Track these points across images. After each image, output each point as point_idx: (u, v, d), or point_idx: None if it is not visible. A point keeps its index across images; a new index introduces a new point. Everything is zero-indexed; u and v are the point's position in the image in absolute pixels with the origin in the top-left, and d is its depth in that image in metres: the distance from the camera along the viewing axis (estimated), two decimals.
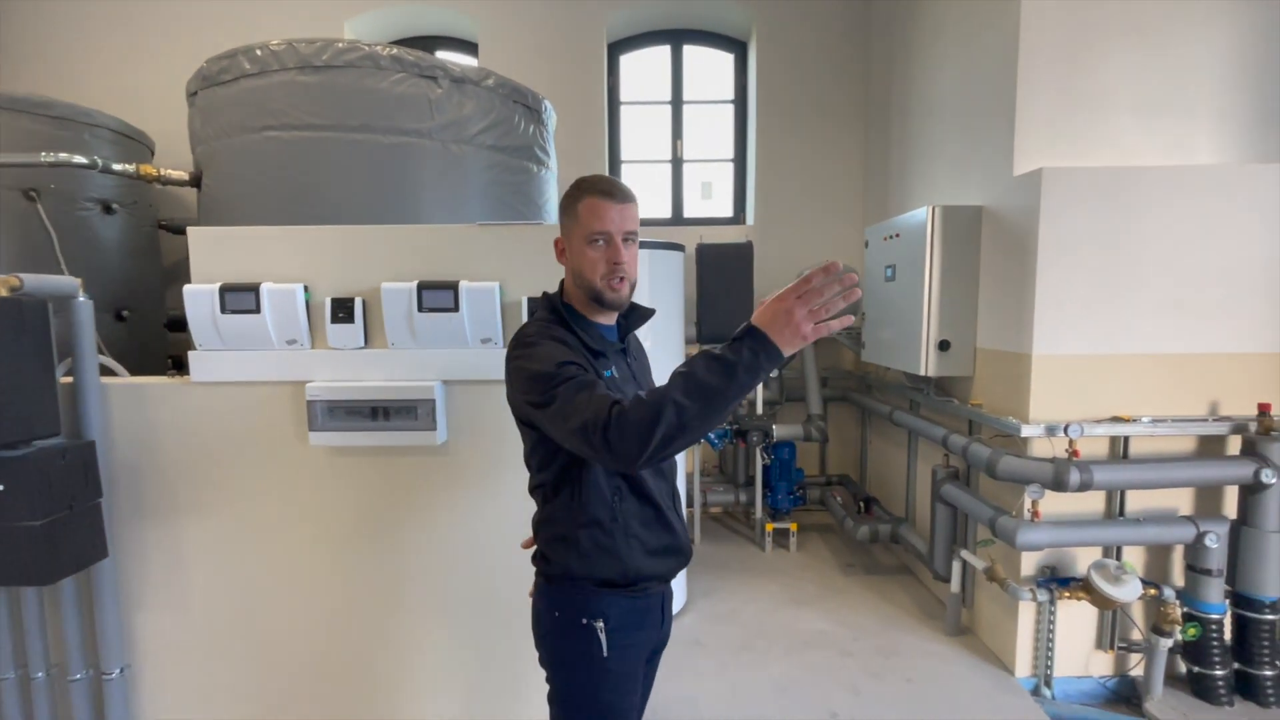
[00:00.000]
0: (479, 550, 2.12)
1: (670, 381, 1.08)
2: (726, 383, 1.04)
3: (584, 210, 1.30)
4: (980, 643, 2.97)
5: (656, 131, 4.87)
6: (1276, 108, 2.70)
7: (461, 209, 2.76)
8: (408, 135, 2.64)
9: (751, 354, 1.04)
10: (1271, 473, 2.40)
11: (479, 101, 2.83)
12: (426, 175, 2.71)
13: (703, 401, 1.04)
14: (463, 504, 2.10)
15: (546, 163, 3.28)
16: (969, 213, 2.96)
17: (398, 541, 2.11)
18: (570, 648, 1.32)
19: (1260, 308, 2.56)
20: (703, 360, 1.07)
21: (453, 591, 2.14)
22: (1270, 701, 2.50)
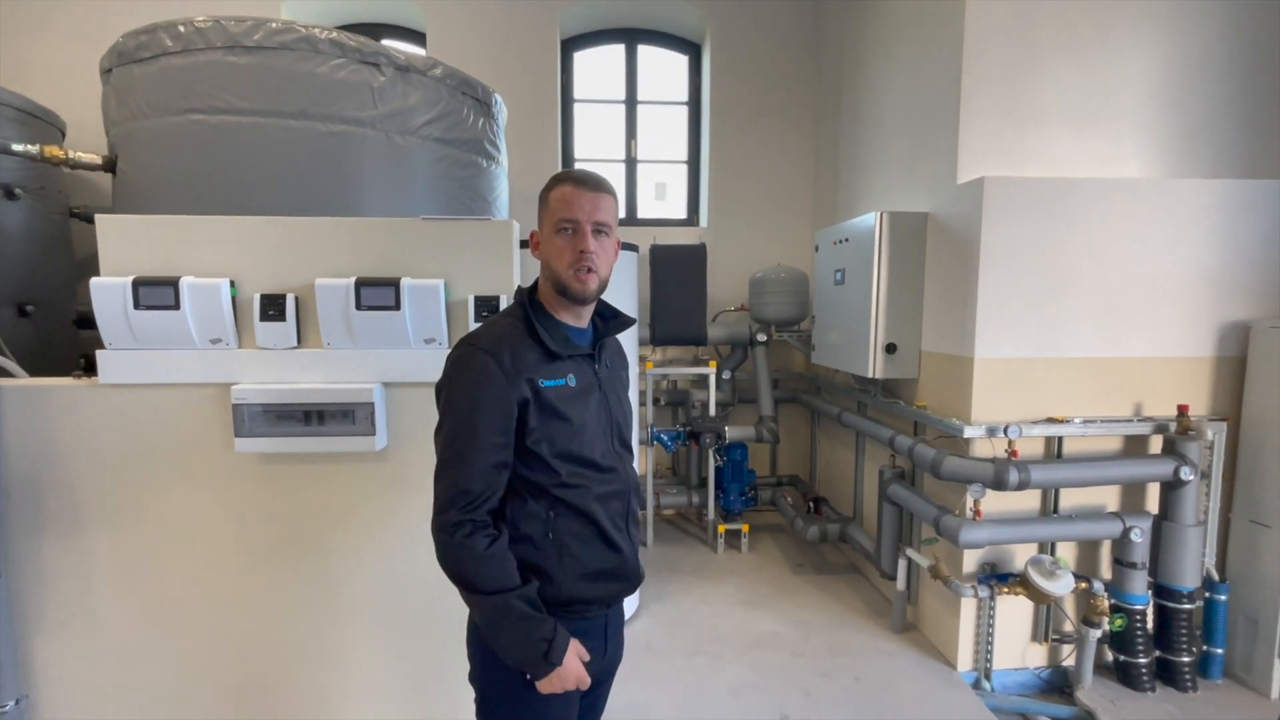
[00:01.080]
0: (421, 561, 2.02)
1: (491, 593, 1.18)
2: (497, 635, 1.21)
3: (554, 198, 1.27)
4: (925, 638, 3.04)
5: (610, 131, 4.83)
6: (1197, 126, 2.87)
7: (407, 203, 2.64)
8: (348, 124, 2.51)
9: (546, 646, 1.19)
10: (1189, 470, 2.54)
11: (425, 92, 2.71)
12: (369, 167, 2.58)
13: (486, 626, 1.22)
14: (403, 513, 2.00)
15: (497, 158, 3.19)
16: (915, 219, 3.03)
17: (333, 554, 1.99)
18: (496, 665, 1.26)
19: (1181, 315, 2.71)
20: (513, 619, 1.19)
21: (393, 605, 2.03)
22: (1187, 686, 2.65)
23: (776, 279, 4.10)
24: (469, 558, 1.17)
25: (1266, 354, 2.62)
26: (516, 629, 1.18)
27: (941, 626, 2.93)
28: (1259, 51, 2.85)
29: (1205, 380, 2.75)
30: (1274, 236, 2.70)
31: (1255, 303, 2.72)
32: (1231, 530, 2.77)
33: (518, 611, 1.17)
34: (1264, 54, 2.86)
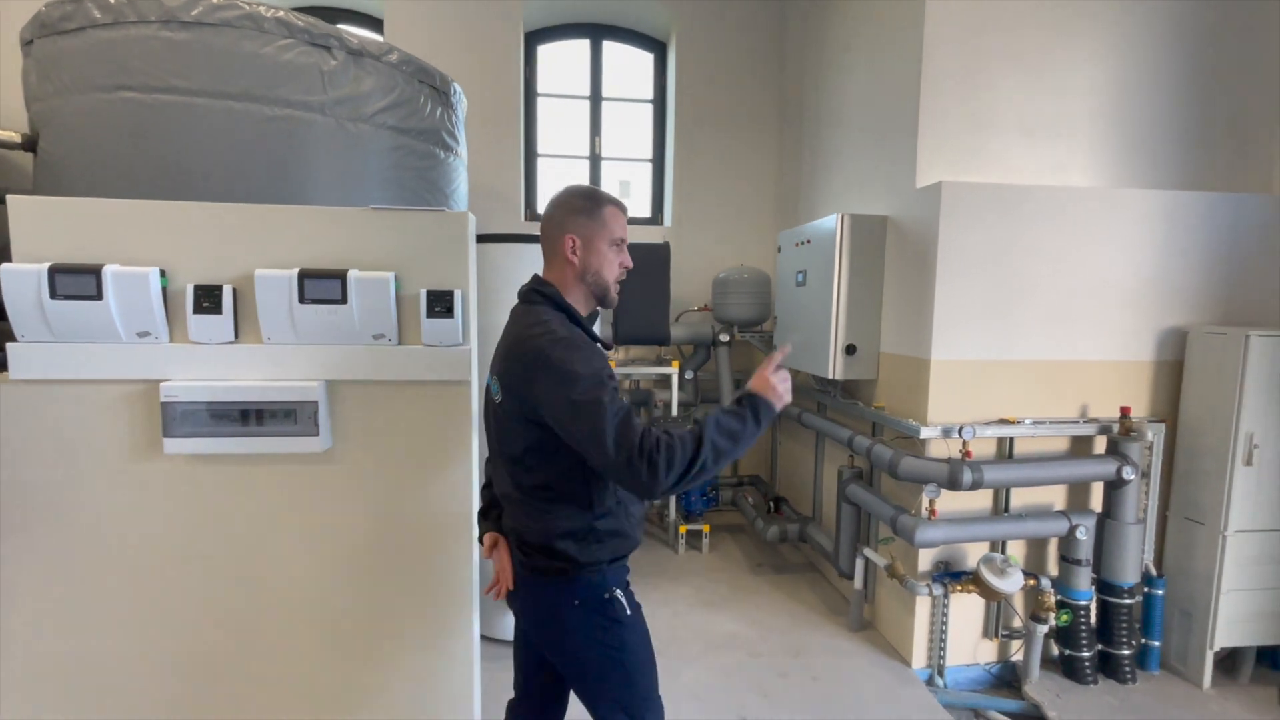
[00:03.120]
0: (371, 570, 1.93)
1: (700, 432, 1.24)
2: (742, 433, 1.28)
3: (609, 215, 1.44)
4: (881, 637, 3.08)
5: (575, 127, 4.76)
6: (1138, 139, 2.99)
7: (359, 193, 2.53)
8: (295, 108, 2.38)
9: (752, 409, 1.31)
10: (1131, 470, 2.64)
11: (380, 78, 2.61)
12: (318, 154, 2.46)
13: (729, 443, 1.26)
14: (350, 517, 1.90)
15: (456, 149, 3.10)
16: (875, 222, 3.07)
17: (272, 562, 1.88)
18: (600, 625, 1.38)
19: (1124, 320, 2.81)
20: (722, 414, 1.30)
21: (337, 616, 1.93)
22: (1127, 678, 2.75)
23: (739, 280, 4.11)
24: (677, 449, 1.21)
25: (1202, 358, 2.73)
26: (736, 427, 1.28)
27: (897, 625, 2.97)
28: (1195, 71, 2.98)
29: (1145, 383, 2.86)
30: (1209, 246, 2.82)
31: (1192, 309, 2.84)
32: (1168, 527, 2.88)
33: (724, 425, 1.27)
34: (1199, 74, 2.99)
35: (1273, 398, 2.59)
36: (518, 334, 1.36)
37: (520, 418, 1.33)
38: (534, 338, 1.30)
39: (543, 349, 1.27)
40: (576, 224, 1.42)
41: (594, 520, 1.36)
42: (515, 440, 1.36)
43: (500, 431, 1.42)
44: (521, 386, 1.30)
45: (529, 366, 1.28)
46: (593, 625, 1.38)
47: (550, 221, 1.46)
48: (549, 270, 1.48)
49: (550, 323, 1.33)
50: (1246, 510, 2.64)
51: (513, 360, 1.33)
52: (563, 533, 1.35)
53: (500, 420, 1.40)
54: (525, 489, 1.38)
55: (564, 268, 1.43)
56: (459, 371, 1.88)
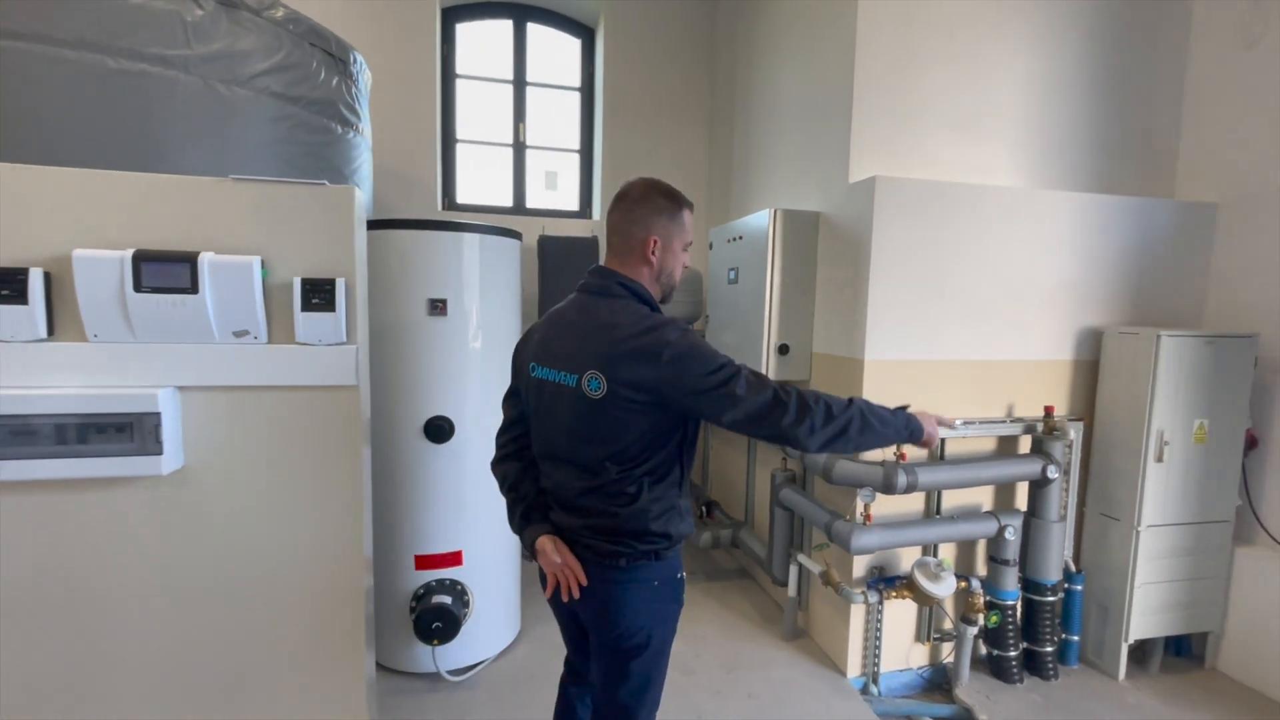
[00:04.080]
0: (234, 612, 1.62)
1: (850, 399, 1.38)
2: (889, 423, 1.43)
3: (687, 219, 1.48)
4: (815, 645, 3.00)
5: (497, 112, 4.46)
6: (1058, 141, 3.04)
7: (236, 168, 2.17)
8: (148, 62, 2.01)
9: (905, 419, 1.46)
10: (1054, 468, 2.66)
11: (261, 36, 2.27)
12: (180, 119, 2.10)
13: (878, 424, 1.40)
14: (207, 552, 1.58)
15: (356, 125, 2.77)
16: (808, 218, 2.98)
17: (102, 610, 1.53)
18: (667, 609, 1.47)
19: (1045, 320, 2.84)
20: (873, 403, 1.41)
21: (197, 669, 1.60)
22: (1050, 674, 2.78)
23: None
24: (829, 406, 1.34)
25: (1116, 358, 2.80)
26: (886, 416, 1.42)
27: (831, 632, 2.88)
28: (1108, 78, 3.07)
29: (1065, 382, 2.90)
30: (1121, 249, 2.90)
31: (1107, 310, 2.91)
32: (1085, 524, 2.94)
33: (876, 409, 1.41)
34: (1112, 81, 3.07)
35: (1181, 396, 2.67)
36: (629, 327, 1.35)
37: (639, 408, 1.34)
38: (658, 329, 1.33)
39: (669, 338, 1.32)
40: (659, 225, 1.44)
41: (678, 498, 1.45)
42: (624, 430, 1.36)
43: (595, 426, 1.37)
44: (646, 375, 1.31)
45: (656, 356, 1.30)
46: (663, 606, 1.46)
47: (630, 217, 1.44)
48: (622, 264, 1.46)
49: (660, 316, 1.39)
50: (1157, 505, 2.71)
51: (632, 354, 1.32)
52: (659, 512, 1.41)
53: (598, 415, 1.36)
54: (630, 477, 1.38)
55: (640, 265, 1.45)
56: (343, 375, 1.60)
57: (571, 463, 1.42)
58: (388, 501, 2.57)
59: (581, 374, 1.35)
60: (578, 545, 1.44)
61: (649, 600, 1.43)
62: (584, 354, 1.36)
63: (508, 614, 2.91)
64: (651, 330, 1.33)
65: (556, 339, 1.44)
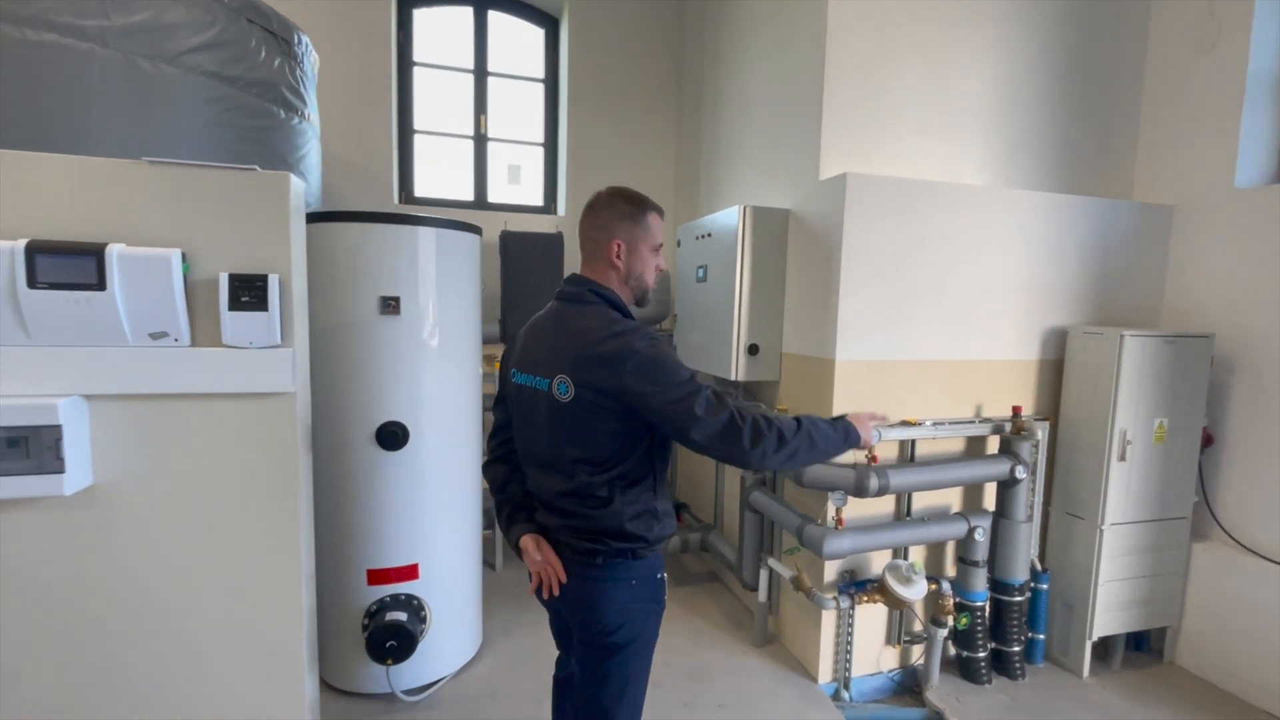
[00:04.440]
0: (155, 647, 1.45)
1: (799, 421, 1.40)
2: (832, 439, 1.45)
3: (653, 222, 1.50)
4: (786, 651, 2.94)
5: (458, 103, 4.29)
6: (1022, 140, 3.05)
7: (163, 153, 1.99)
8: (60, 32, 1.82)
9: (844, 430, 1.49)
10: (1023, 468, 2.65)
11: (191, 9, 2.09)
12: (96, 97, 1.91)
13: (823, 443, 1.42)
14: (121, 580, 1.42)
15: (303, 111, 2.59)
16: (778, 215, 2.91)
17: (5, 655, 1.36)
18: (647, 608, 1.49)
19: (1013, 319, 2.84)
20: (817, 420, 1.45)
21: (99, 711, 1.44)
22: (1017, 674, 2.78)
23: None
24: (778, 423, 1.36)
25: (1081, 357, 2.81)
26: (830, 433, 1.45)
27: (802, 638, 2.83)
28: (1069, 78, 3.09)
29: (1031, 382, 2.91)
30: (1084, 248, 2.92)
31: (1071, 310, 2.93)
32: (1050, 523, 2.96)
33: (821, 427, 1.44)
34: (1073, 81, 3.10)
35: (1142, 396, 2.70)
36: (596, 332, 1.38)
37: (604, 413, 1.37)
38: (624, 335, 1.36)
39: (635, 346, 1.34)
40: (623, 229, 1.48)
41: (654, 501, 1.47)
42: (592, 434, 1.39)
43: (567, 430, 1.41)
44: (615, 384, 1.33)
45: (625, 363, 1.33)
46: (642, 606, 1.48)
47: (595, 224, 1.50)
48: (593, 271, 1.51)
49: (629, 322, 1.42)
50: (1120, 504, 2.74)
51: (597, 359, 1.35)
52: (633, 515, 1.43)
53: (568, 419, 1.40)
54: (600, 480, 1.41)
55: (608, 271, 1.49)
56: (277, 380, 1.46)
57: (549, 465, 1.47)
58: (337, 514, 2.40)
59: (553, 378, 1.40)
60: (559, 544, 1.49)
61: (627, 599, 1.46)
62: (555, 359, 1.41)
63: (468, 628, 2.77)
64: (618, 336, 1.36)
65: (535, 345, 1.49)
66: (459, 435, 2.60)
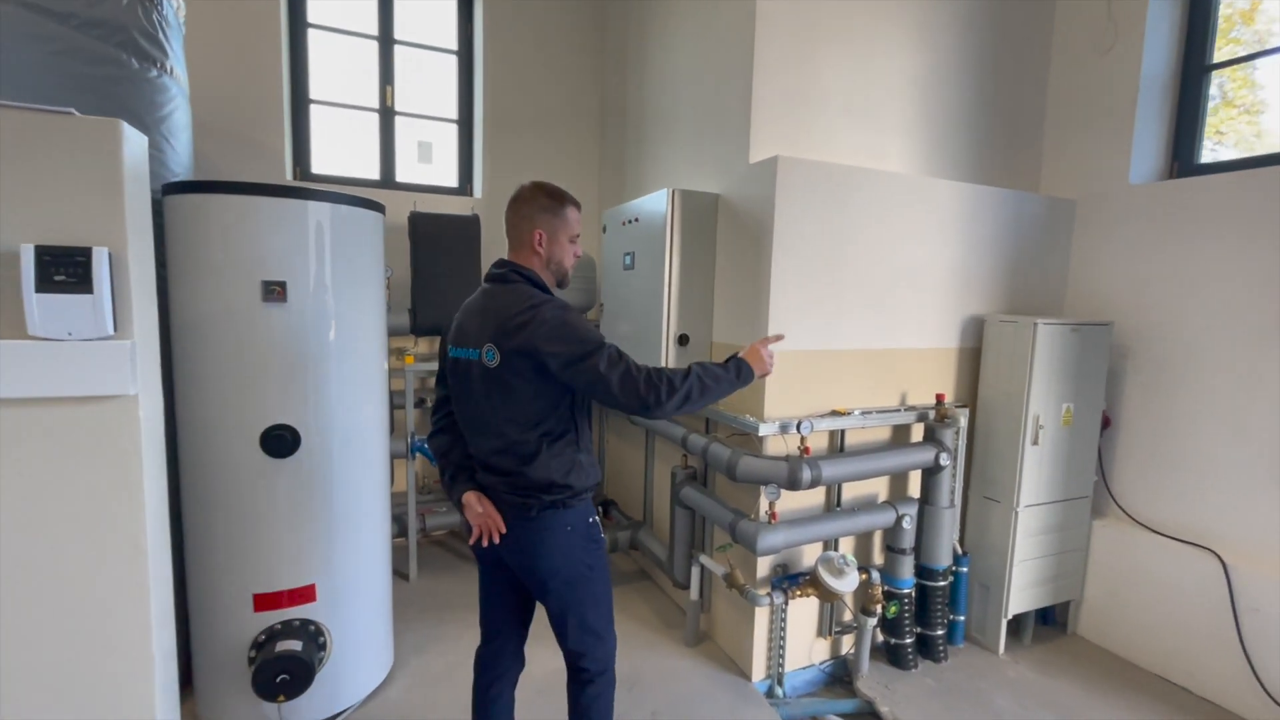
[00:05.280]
0: None
1: (689, 368, 1.58)
2: (723, 379, 1.61)
3: (570, 215, 1.70)
4: (719, 649, 2.87)
5: (361, 73, 3.91)
6: (942, 131, 3.09)
7: None
8: None
9: (736, 366, 1.65)
10: (946, 455, 2.69)
11: None
12: None
13: (714, 383, 1.59)
14: None
15: (163, 62, 2.22)
16: (707, 199, 2.81)
17: None
18: (586, 547, 1.66)
19: (935, 308, 2.87)
20: (708, 364, 1.62)
21: None
22: (940, 657, 2.84)
23: None
24: (672, 375, 1.54)
25: (996, 345, 2.89)
26: (720, 373, 1.61)
27: (735, 635, 2.76)
28: (983, 72, 3.16)
29: (951, 370, 2.96)
30: (998, 239, 3.00)
31: (987, 299, 3.01)
32: (969, 506, 3.04)
33: (710, 369, 1.60)
34: (986, 75, 3.17)
35: (1053, 381, 2.80)
36: (516, 305, 1.56)
37: (525, 374, 1.54)
38: (539, 305, 1.54)
39: (552, 315, 1.52)
40: (543, 220, 1.66)
41: (578, 454, 1.64)
42: (519, 395, 1.56)
43: (496, 393, 1.58)
44: (530, 345, 1.50)
45: (538, 328, 1.50)
46: (580, 546, 1.65)
47: (518, 214, 1.67)
48: (517, 256, 1.68)
49: (544, 295, 1.61)
50: (1033, 486, 2.84)
51: (517, 327, 1.52)
52: (562, 469, 1.60)
53: (496, 382, 1.57)
54: (528, 437, 1.58)
55: (531, 255, 1.67)
56: (111, 380, 1.18)
57: (483, 427, 1.63)
58: (216, 533, 2.09)
59: (481, 347, 1.59)
60: (498, 500, 1.64)
61: (566, 545, 1.63)
62: (483, 330, 1.59)
63: (377, 649, 2.51)
64: (534, 307, 1.55)
65: (467, 322, 1.67)
66: (362, 437, 2.33)
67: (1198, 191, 2.80)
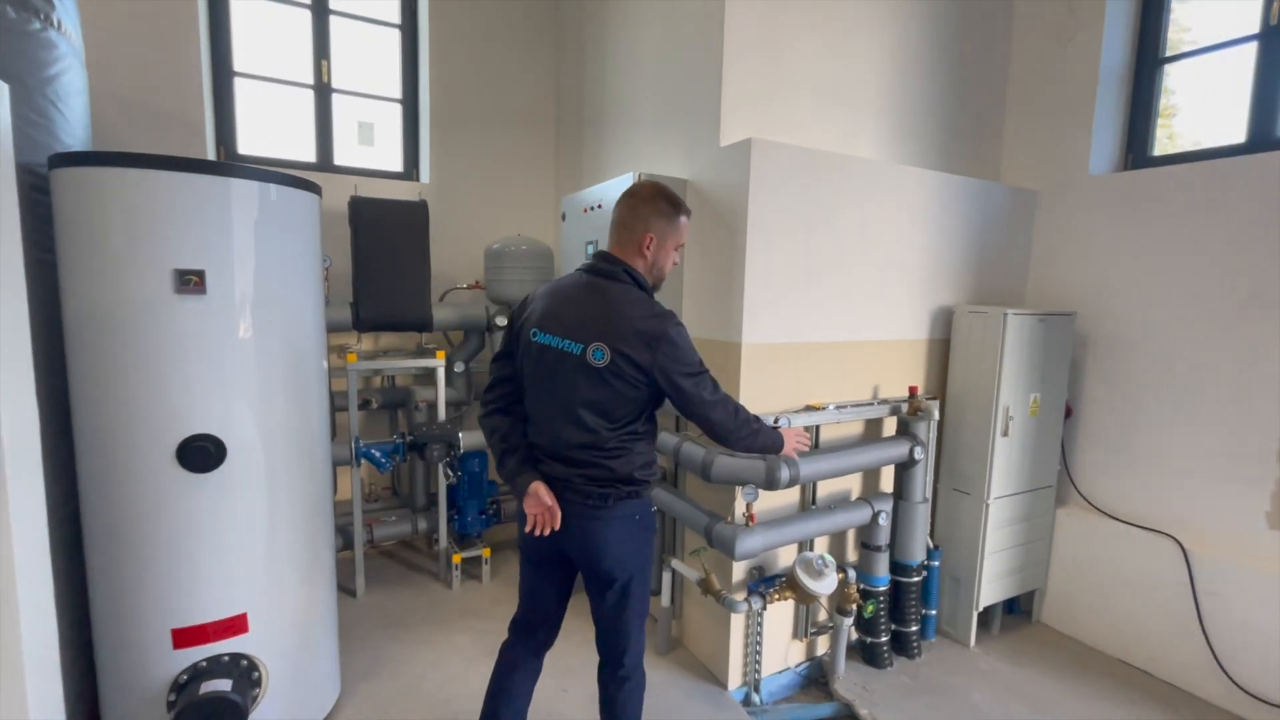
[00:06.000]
0: None
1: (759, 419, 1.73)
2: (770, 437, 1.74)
3: (683, 224, 1.71)
4: (692, 656, 2.75)
5: (293, 45, 3.58)
6: (911, 118, 3.04)
7: None
8: None
9: (776, 435, 1.76)
10: (920, 449, 2.64)
11: None
12: None
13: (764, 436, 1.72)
14: None
15: (49, 16, 1.91)
16: (675, 185, 2.65)
17: None
18: (646, 535, 1.74)
19: (906, 298, 2.82)
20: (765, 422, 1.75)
21: None
22: (915, 653, 2.80)
23: (517, 251, 3.44)
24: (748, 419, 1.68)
25: (965, 336, 2.86)
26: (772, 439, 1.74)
27: (709, 641, 2.65)
28: (947, 61, 3.13)
29: (921, 361, 2.92)
30: (966, 228, 2.97)
31: (954, 289, 2.98)
32: (939, 499, 3.01)
33: (768, 430, 1.74)
34: (950, 65, 3.14)
35: (1021, 372, 2.79)
36: (637, 311, 1.58)
37: (632, 381, 1.57)
38: (664, 320, 1.58)
39: (678, 337, 1.58)
40: (658, 225, 1.65)
41: (650, 452, 1.70)
42: (620, 396, 1.58)
43: (593, 389, 1.58)
44: (641, 355, 1.55)
45: (656, 343, 1.55)
46: (641, 536, 1.70)
47: (634, 214, 1.65)
48: (623, 253, 1.67)
49: (663, 307, 1.62)
50: (1003, 477, 2.83)
51: (643, 340, 1.55)
52: (641, 464, 1.66)
53: (597, 380, 1.57)
54: (616, 434, 1.61)
55: (636, 257, 1.66)
56: None
57: (567, 419, 1.62)
58: (123, 561, 1.81)
59: (588, 344, 1.57)
60: (568, 490, 1.65)
61: (632, 532, 1.67)
62: (592, 327, 1.57)
63: (321, 679, 2.27)
64: (657, 318, 1.58)
65: (562, 310, 1.63)
66: (298, 445, 2.08)
67: (1152, 182, 2.83)
